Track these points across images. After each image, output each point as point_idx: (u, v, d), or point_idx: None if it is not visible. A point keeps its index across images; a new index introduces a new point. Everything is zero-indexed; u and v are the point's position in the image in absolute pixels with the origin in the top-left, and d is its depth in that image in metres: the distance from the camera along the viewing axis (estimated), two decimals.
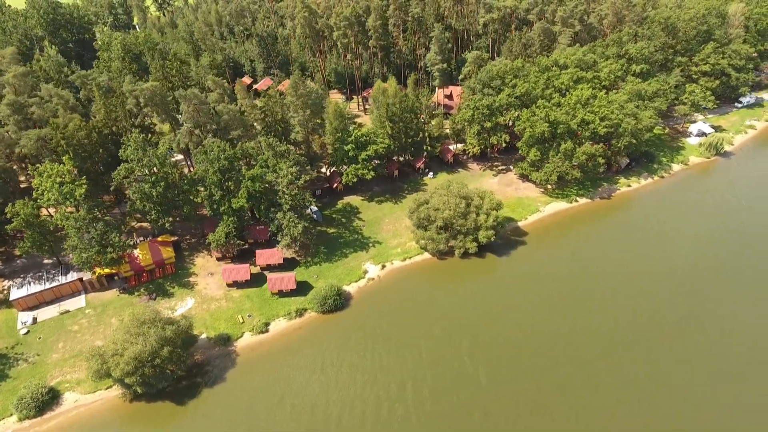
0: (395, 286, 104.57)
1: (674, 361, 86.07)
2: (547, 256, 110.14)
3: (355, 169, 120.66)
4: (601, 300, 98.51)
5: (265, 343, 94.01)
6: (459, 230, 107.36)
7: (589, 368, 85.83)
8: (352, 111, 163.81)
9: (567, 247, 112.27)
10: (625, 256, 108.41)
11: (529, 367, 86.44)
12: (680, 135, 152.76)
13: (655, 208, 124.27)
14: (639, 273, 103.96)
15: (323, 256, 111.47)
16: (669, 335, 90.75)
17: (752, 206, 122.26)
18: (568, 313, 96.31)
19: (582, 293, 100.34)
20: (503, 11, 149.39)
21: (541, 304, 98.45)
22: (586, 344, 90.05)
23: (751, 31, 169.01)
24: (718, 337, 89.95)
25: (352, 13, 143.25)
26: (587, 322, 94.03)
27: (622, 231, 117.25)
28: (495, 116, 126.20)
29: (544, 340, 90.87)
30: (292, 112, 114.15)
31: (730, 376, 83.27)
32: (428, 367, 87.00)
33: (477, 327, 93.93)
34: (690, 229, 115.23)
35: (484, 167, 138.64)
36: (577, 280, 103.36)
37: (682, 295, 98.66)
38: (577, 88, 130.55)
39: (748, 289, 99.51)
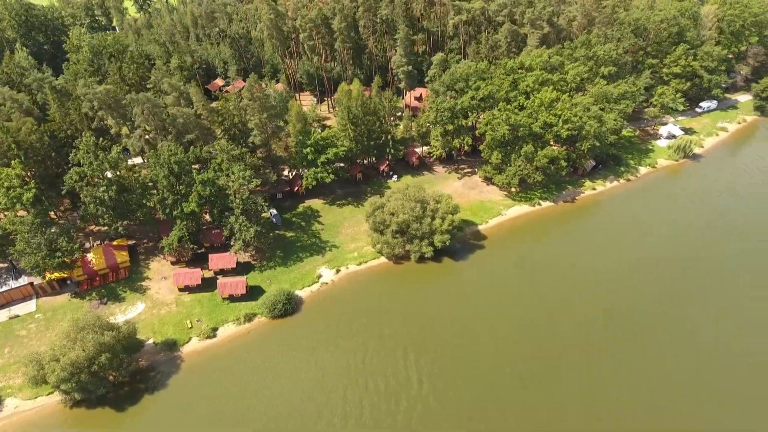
0: (348, 291, 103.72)
1: (628, 362, 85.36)
2: (503, 260, 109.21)
3: (314, 172, 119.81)
4: (554, 302, 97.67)
5: (212, 349, 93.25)
6: (415, 234, 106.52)
7: (545, 368, 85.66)
8: (323, 113, 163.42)
9: (524, 251, 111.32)
10: (582, 260, 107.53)
11: (474, 372, 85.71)
12: (651, 137, 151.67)
13: (617, 211, 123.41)
14: (596, 276, 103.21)
15: (279, 260, 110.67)
16: (625, 336, 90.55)
17: (714, 210, 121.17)
18: (520, 315, 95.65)
19: (535, 296, 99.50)
20: (472, 13, 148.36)
21: (494, 308, 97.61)
22: (538, 347, 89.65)
23: (725, 32, 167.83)
24: (676, 336, 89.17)
25: (318, 15, 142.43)
26: (539, 325, 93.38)
27: (581, 234, 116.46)
28: (457, 119, 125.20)
29: (495, 345, 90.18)
30: (249, 115, 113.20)
31: (679, 380, 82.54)
32: (371, 373, 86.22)
33: (425, 332, 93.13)
34: (651, 232, 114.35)
35: (450, 170, 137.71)
36: (531, 284, 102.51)
37: (640, 297, 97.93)
38: (541, 91, 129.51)
39: (705, 292, 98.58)
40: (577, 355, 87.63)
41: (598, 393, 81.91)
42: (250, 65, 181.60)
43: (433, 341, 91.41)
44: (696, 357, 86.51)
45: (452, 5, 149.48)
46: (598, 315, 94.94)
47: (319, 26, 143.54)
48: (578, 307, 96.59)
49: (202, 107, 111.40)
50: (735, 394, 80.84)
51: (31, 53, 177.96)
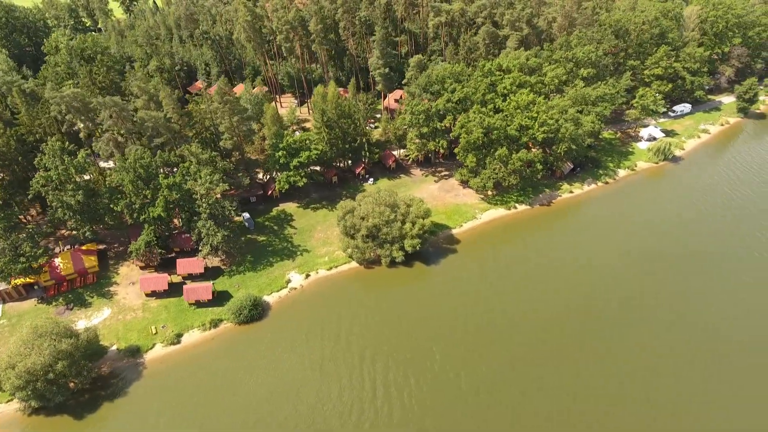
0: (317, 297, 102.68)
1: (601, 363, 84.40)
2: (474, 264, 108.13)
3: (287, 176, 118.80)
4: (524, 306, 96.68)
5: (176, 355, 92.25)
6: (385, 239, 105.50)
7: (518, 372, 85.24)
8: (303, 115, 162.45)
9: (495, 256, 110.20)
10: (554, 263, 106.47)
11: (443, 377, 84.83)
12: (632, 139, 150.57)
13: (592, 215, 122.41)
14: (568, 278, 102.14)
15: (249, 264, 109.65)
16: (599, 338, 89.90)
17: (690, 216, 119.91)
18: (490, 319, 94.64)
19: (505, 300, 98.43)
20: (451, 14, 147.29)
21: (464, 312, 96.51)
22: (509, 350, 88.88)
23: (708, 34, 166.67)
24: (651, 345, 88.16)
25: (296, 17, 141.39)
26: (509, 328, 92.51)
27: (554, 238, 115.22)
28: (432, 122, 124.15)
29: (466, 348, 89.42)
30: (219, 119, 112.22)
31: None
32: (337, 380, 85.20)
33: (394, 338, 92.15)
34: (625, 236, 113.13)
35: (427, 173, 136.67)
36: (501, 289, 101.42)
37: (612, 301, 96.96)
38: (518, 93, 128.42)
39: (681, 298, 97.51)
40: (551, 358, 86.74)
41: (573, 393, 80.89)
42: (232, 67, 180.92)
43: (402, 346, 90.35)
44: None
45: (431, 7, 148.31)
46: (567, 318, 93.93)
47: (296, 28, 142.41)
48: (548, 311, 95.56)
49: (172, 110, 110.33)
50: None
51: (13, 55, 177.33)
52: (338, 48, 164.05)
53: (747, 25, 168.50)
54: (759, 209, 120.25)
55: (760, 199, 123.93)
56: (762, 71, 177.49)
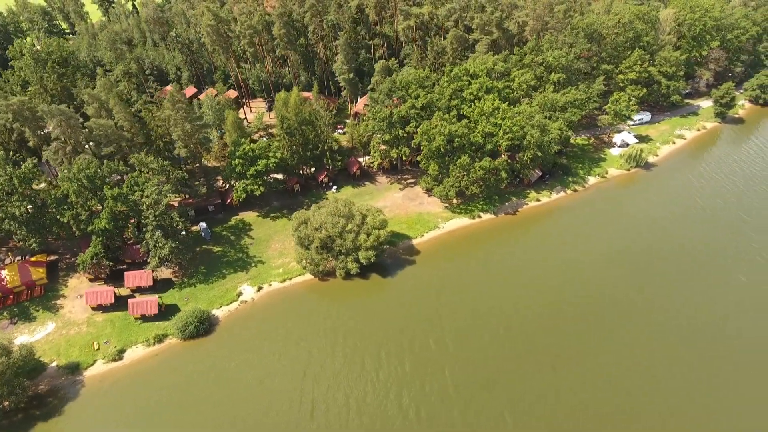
0: (268, 310, 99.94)
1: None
2: (431, 276, 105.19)
3: (244, 185, 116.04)
4: (480, 322, 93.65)
5: (117, 372, 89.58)
6: (339, 250, 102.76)
7: (479, 385, 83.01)
8: (272, 120, 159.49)
9: (454, 268, 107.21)
10: (514, 277, 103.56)
11: (393, 391, 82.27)
12: (605, 145, 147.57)
13: (558, 224, 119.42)
14: (525, 296, 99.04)
15: (201, 276, 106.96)
16: (558, 349, 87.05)
17: (659, 225, 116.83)
18: (438, 337, 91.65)
19: (459, 317, 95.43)
20: (420, 18, 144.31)
21: (417, 326, 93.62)
22: (466, 363, 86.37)
23: (686, 37, 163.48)
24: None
25: (260, 21, 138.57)
26: (464, 342, 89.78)
27: (517, 249, 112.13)
28: (395, 128, 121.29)
29: (417, 361, 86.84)
30: (172, 126, 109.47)
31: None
32: (279, 398, 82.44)
33: (343, 353, 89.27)
34: (587, 248, 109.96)
35: (393, 180, 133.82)
36: (456, 303, 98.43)
37: (567, 312, 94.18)
38: (485, 99, 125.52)
39: (638, 315, 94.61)
40: (504, 375, 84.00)
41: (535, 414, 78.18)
42: (203, 71, 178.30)
43: (349, 362, 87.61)
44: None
45: (400, 10, 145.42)
46: (524, 333, 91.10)
47: (261, 32, 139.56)
48: (504, 325, 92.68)
49: (123, 118, 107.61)
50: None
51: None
52: (307, 52, 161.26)
53: (725, 28, 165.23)
54: (727, 221, 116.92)
55: (728, 210, 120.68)
56: (742, 75, 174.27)
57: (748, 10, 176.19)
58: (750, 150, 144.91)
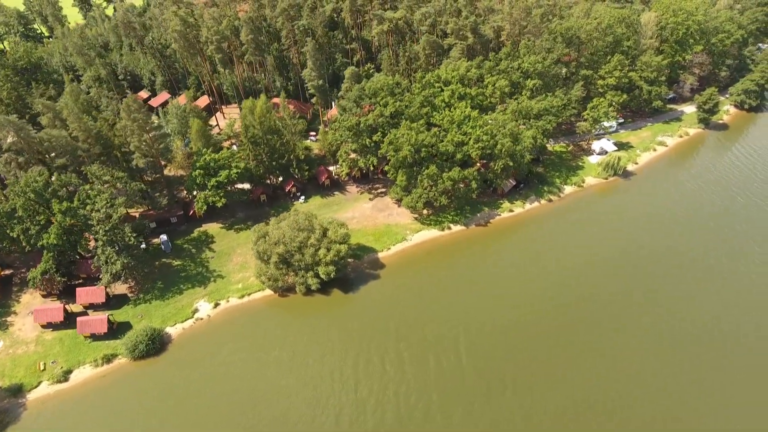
0: (223, 328, 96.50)
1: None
2: (394, 292, 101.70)
3: (204, 196, 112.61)
4: (438, 342, 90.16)
5: (62, 395, 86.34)
6: (299, 266, 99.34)
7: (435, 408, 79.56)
8: None
9: (419, 283, 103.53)
10: (479, 293, 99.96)
11: (350, 411, 78.80)
12: (584, 153, 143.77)
13: (529, 236, 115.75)
14: (492, 312, 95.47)
15: (157, 292, 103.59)
16: (517, 373, 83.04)
17: (633, 237, 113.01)
18: (397, 356, 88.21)
19: (419, 334, 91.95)
20: (394, 22, 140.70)
21: (376, 345, 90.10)
22: (414, 388, 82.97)
23: (669, 41, 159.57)
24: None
25: (228, 26, 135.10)
26: (419, 366, 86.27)
27: (485, 263, 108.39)
28: (361, 137, 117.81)
29: (372, 383, 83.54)
30: (129, 137, 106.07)
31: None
32: (230, 423, 79.05)
33: (298, 375, 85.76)
34: (559, 261, 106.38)
35: (363, 190, 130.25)
36: (418, 321, 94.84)
37: (538, 334, 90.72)
38: (456, 107, 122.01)
39: (607, 334, 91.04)
40: (465, 395, 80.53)
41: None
42: (179, 76, 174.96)
43: (300, 383, 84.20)
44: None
45: (373, 15, 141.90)
46: (487, 352, 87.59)
47: (229, 38, 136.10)
48: (467, 345, 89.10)
49: (78, 128, 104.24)
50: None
51: None
52: (282, 57, 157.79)
53: (710, 32, 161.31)
54: (704, 232, 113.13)
55: (706, 220, 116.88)
56: (727, 79, 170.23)
57: (734, 13, 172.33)
58: (732, 158, 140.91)
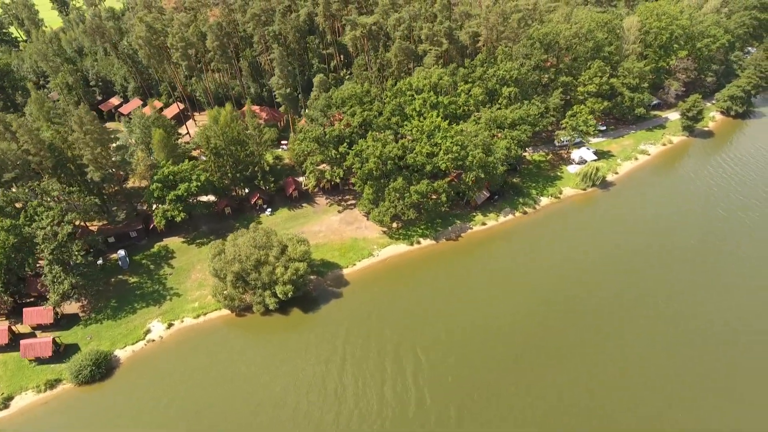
0: (175, 351, 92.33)
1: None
2: (357, 312, 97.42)
3: (163, 210, 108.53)
4: (400, 364, 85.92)
5: (3, 422, 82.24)
6: (255, 284, 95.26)
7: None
8: None
9: (381, 303, 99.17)
10: (445, 313, 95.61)
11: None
12: (563, 162, 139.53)
13: (500, 251, 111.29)
14: (453, 336, 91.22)
15: (110, 311, 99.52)
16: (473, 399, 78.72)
17: (608, 253, 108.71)
18: (363, 374, 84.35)
19: (377, 358, 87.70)
20: (367, 28, 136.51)
21: (332, 372, 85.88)
22: (376, 411, 78.76)
23: (653, 46, 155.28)
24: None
25: (194, 33, 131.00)
26: (379, 387, 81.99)
27: (453, 281, 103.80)
28: (327, 149, 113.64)
29: (330, 407, 79.14)
30: (82, 150, 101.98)
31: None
32: None
33: (250, 402, 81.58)
34: (524, 282, 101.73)
35: (332, 201, 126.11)
36: (377, 341, 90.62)
37: (503, 357, 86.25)
38: (426, 116, 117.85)
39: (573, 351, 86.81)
40: (431, 413, 76.53)
41: None
42: (152, 82, 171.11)
43: (259, 411, 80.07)
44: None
45: (346, 20, 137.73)
46: (450, 378, 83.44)
47: (196, 44, 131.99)
48: (423, 371, 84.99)
49: (28, 141, 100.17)
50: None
51: None
52: (255, 64, 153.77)
53: (695, 37, 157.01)
54: (683, 250, 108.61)
55: (686, 236, 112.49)
56: (714, 85, 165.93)
57: (720, 17, 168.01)
58: (716, 167, 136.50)
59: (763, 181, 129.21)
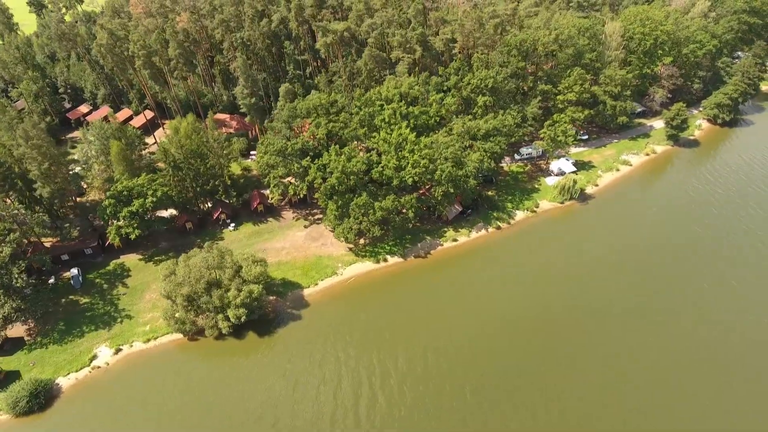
0: (122, 378, 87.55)
1: None
2: (315, 335, 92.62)
3: (117, 227, 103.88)
4: (358, 392, 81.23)
5: None
6: (207, 308, 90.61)
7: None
8: None
9: (339, 326, 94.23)
10: (407, 338, 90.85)
11: None
12: (541, 173, 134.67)
13: (470, 270, 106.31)
14: (414, 364, 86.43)
15: (57, 335, 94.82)
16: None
17: (580, 273, 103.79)
18: (319, 402, 79.56)
19: (335, 384, 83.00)
20: (338, 34, 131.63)
21: (286, 402, 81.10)
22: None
23: (637, 52, 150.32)
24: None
25: (158, 39, 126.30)
26: (331, 415, 77.42)
27: (415, 304, 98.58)
28: (290, 163, 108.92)
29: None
30: (28, 164, 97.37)
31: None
32: None
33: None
34: (490, 305, 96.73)
35: (299, 216, 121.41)
36: (334, 369, 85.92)
37: (460, 387, 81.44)
38: (394, 128, 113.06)
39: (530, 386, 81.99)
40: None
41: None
42: (122, 89, 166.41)
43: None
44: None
45: (317, 26, 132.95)
46: (410, 409, 78.72)
47: (159, 52, 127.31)
48: (379, 405, 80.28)
49: None
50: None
51: None
52: (225, 71, 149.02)
53: (680, 42, 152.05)
54: (661, 269, 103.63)
55: (663, 254, 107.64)
56: (701, 92, 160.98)
57: (708, 22, 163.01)
58: (699, 179, 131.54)
59: (746, 194, 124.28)
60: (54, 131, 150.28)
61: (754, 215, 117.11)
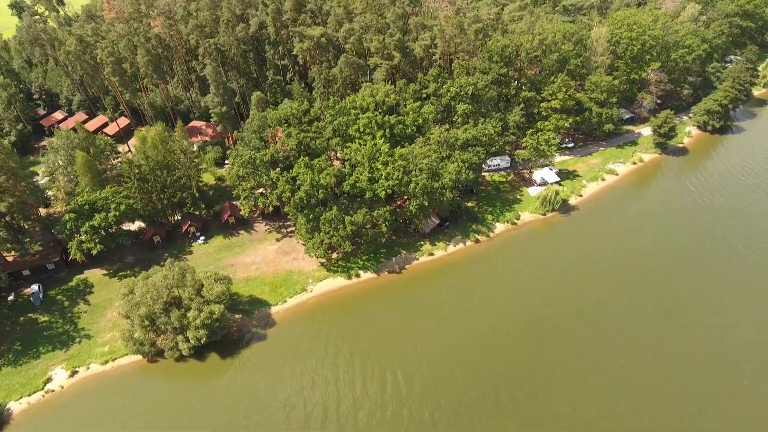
0: (77, 403, 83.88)
1: None
2: (281, 358, 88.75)
3: (78, 242, 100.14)
4: (326, 416, 77.55)
5: None
6: (166, 329, 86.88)
7: None
8: None
9: (305, 347, 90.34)
10: (378, 361, 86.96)
11: None
12: (524, 183, 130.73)
13: (444, 287, 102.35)
14: (384, 387, 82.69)
15: (11, 356, 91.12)
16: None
17: (560, 288, 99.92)
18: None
19: (302, 407, 79.29)
20: (315, 40, 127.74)
21: (247, 427, 77.56)
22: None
23: (625, 58, 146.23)
24: None
25: (127, 46, 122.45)
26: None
27: (386, 323, 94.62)
28: (259, 175, 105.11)
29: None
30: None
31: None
32: None
33: None
34: (464, 323, 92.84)
35: (272, 228, 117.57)
36: (299, 391, 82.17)
37: (431, 412, 77.64)
38: (366, 139, 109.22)
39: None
40: None
41: None
42: (98, 95, 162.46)
43: None
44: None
45: (293, 32, 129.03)
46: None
47: (129, 58, 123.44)
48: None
49: None
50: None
51: None
52: (203, 77, 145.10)
53: (669, 47, 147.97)
54: (644, 284, 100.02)
55: (646, 269, 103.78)
56: (690, 98, 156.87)
57: (698, 26, 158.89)
58: (687, 189, 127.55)
59: (732, 206, 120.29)
60: (26, 139, 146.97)
61: (740, 225, 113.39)
